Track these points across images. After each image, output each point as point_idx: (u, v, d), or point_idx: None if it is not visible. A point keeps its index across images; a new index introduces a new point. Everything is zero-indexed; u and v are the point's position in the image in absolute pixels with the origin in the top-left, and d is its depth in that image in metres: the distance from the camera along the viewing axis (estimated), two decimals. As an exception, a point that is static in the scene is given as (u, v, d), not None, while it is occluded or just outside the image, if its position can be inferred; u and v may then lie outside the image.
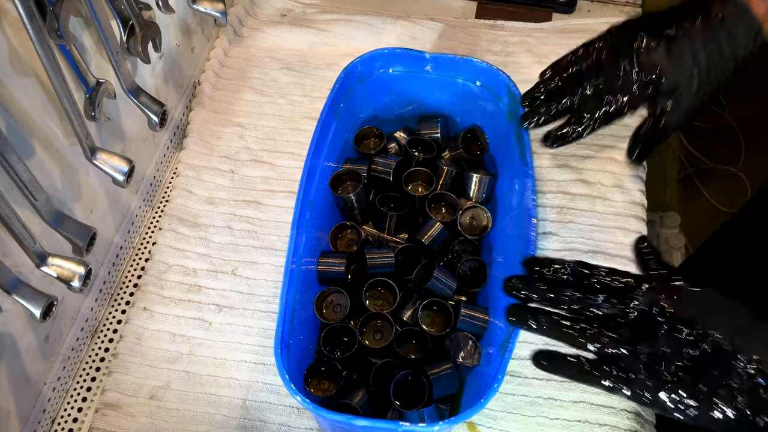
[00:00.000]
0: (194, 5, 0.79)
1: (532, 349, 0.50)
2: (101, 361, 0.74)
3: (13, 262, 0.58)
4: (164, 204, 0.85)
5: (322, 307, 0.68)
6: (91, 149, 0.63)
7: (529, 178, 0.65)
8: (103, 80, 0.64)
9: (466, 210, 0.73)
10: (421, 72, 0.77)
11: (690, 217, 1.68)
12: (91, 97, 0.63)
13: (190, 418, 0.68)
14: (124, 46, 0.67)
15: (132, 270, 0.80)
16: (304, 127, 0.88)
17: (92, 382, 0.72)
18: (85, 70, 0.62)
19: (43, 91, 0.60)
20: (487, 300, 0.69)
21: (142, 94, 0.70)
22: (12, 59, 0.55)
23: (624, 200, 0.80)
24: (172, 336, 0.73)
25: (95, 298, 0.75)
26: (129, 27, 0.67)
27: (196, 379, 0.71)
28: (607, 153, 0.84)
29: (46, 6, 0.54)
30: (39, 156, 0.61)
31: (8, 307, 0.58)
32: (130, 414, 0.69)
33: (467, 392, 0.64)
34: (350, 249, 0.73)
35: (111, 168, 0.65)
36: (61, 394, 0.71)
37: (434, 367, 0.62)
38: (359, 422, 0.53)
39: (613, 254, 0.76)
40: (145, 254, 0.81)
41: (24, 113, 0.58)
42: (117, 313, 0.77)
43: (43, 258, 0.57)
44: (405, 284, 0.70)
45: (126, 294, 0.78)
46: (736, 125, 1.90)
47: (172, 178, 0.87)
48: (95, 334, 0.75)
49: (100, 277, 0.75)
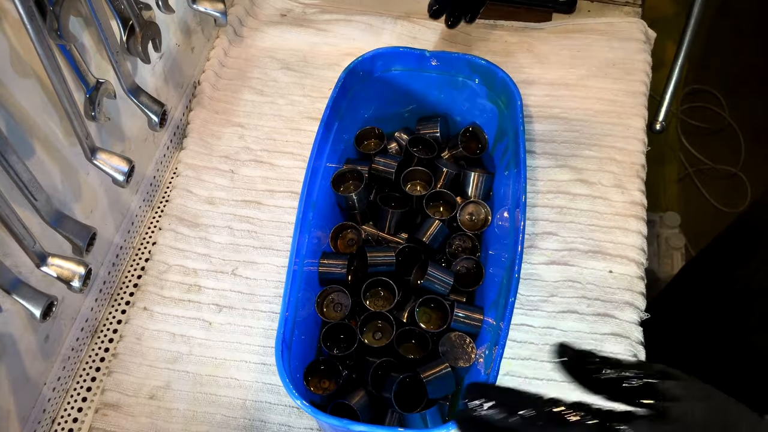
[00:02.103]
0: (194, 5, 0.79)
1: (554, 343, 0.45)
2: (101, 361, 0.74)
3: (13, 262, 0.58)
4: (164, 204, 0.85)
5: (323, 305, 0.68)
6: (91, 149, 0.63)
7: (521, 173, 0.66)
8: (103, 80, 0.64)
9: (465, 206, 0.73)
10: (421, 71, 0.77)
11: (690, 217, 1.68)
12: (91, 97, 0.63)
13: (190, 418, 0.68)
14: (124, 46, 0.67)
15: (132, 270, 0.80)
16: (304, 127, 0.88)
17: (92, 382, 0.72)
18: (85, 70, 0.62)
19: (43, 91, 0.60)
20: (482, 298, 0.69)
21: (142, 94, 0.70)
22: (12, 59, 0.55)
23: (624, 200, 0.80)
24: (172, 336, 0.73)
25: (95, 298, 0.75)
26: (129, 27, 0.67)
27: (196, 379, 0.71)
28: (607, 153, 0.84)
29: (46, 6, 0.54)
30: (39, 156, 0.61)
31: (8, 307, 0.58)
32: (130, 414, 0.69)
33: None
34: (350, 249, 0.73)
35: (111, 168, 0.65)
36: (61, 394, 0.71)
37: (431, 368, 0.62)
38: (357, 428, 0.53)
39: (613, 254, 0.76)
40: (145, 254, 0.81)
41: (24, 113, 0.58)
42: (117, 313, 0.77)
43: (43, 258, 0.57)
44: (405, 284, 0.70)
45: (126, 294, 0.78)
46: (736, 125, 1.90)
47: (172, 178, 0.87)
48: (95, 334, 0.75)
49: (100, 277, 0.75)
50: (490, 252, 0.70)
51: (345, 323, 0.66)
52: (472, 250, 0.73)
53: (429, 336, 0.65)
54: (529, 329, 0.72)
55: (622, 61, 0.92)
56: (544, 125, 0.87)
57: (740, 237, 0.94)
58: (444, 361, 0.63)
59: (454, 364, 0.63)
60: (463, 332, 0.65)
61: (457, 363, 0.63)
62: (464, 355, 0.64)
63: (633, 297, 0.73)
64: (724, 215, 1.78)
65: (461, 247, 0.73)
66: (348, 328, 0.66)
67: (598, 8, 1.01)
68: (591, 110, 0.88)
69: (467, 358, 0.64)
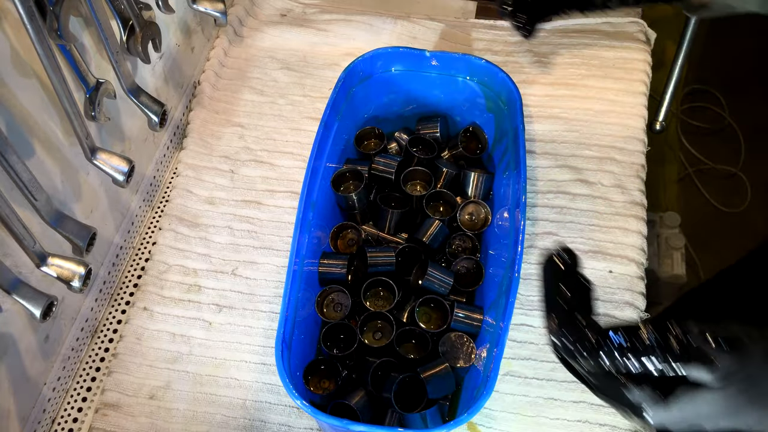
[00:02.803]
0: (194, 5, 0.79)
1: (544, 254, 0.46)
2: (101, 361, 0.74)
3: (13, 262, 0.58)
4: (164, 204, 0.85)
5: (324, 305, 0.68)
6: (91, 149, 0.63)
7: (522, 172, 0.66)
8: (103, 80, 0.64)
9: (465, 206, 0.73)
10: (421, 71, 0.77)
11: (690, 217, 1.67)
12: (91, 97, 0.63)
13: (191, 418, 0.68)
14: (124, 46, 0.67)
15: (132, 270, 0.80)
16: (304, 127, 0.88)
17: (92, 382, 0.72)
18: (85, 70, 0.62)
19: (43, 90, 0.60)
20: (482, 298, 0.69)
21: (142, 94, 0.70)
22: (12, 59, 0.55)
23: (624, 200, 0.80)
24: (172, 336, 0.73)
25: (95, 298, 0.75)
26: (129, 27, 0.67)
27: (196, 379, 0.71)
28: (607, 153, 0.84)
29: (46, 6, 0.54)
30: (39, 156, 0.61)
31: (8, 307, 0.58)
32: (130, 414, 0.69)
33: (464, 393, 0.64)
34: (350, 249, 0.73)
35: (111, 168, 0.65)
36: (61, 394, 0.71)
37: (430, 368, 0.62)
38: (357, 428, 0.53)
39: (613, 254, 0.76)
40: (145, 254, 0.81)
41: (24, 113, 0.58)
42: (117, 313, 0.77)
43: (43, 258, 0.57)
44: (405, 284, 0.70)
45: (126, 294, 0.78)
46: (736, 125, 1.90)
47: (172, 178, 0.87)
48: (95, 334, 0.75)
49: (100, 277, 0.75)
50: (490, 252, 0.70)
51: (345, 323, 0.66)
52: (472, 250, 0.73)
53: (429, 336, 0.65)
54: (529, 329, 0.72)
55: (622, 61, 0.92)
56: (544, 125, 0.87)
57: (748, 282, 0.92)
58: (444, 361, 0.63)
59: (453, 364, 0.63)
60: (463, 332, 0.65)
61: (457, 363, 0.63)
62: (464, 355, 0.64)
63: (633, 297, 0.73)
64: (724, 215, 1.77)
65: (461, 247, 0.73)
66: (348, 328, 0.66)
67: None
68: (591, 110, 0.88)
69: (467, 358, 0.64)
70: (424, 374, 0.61)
